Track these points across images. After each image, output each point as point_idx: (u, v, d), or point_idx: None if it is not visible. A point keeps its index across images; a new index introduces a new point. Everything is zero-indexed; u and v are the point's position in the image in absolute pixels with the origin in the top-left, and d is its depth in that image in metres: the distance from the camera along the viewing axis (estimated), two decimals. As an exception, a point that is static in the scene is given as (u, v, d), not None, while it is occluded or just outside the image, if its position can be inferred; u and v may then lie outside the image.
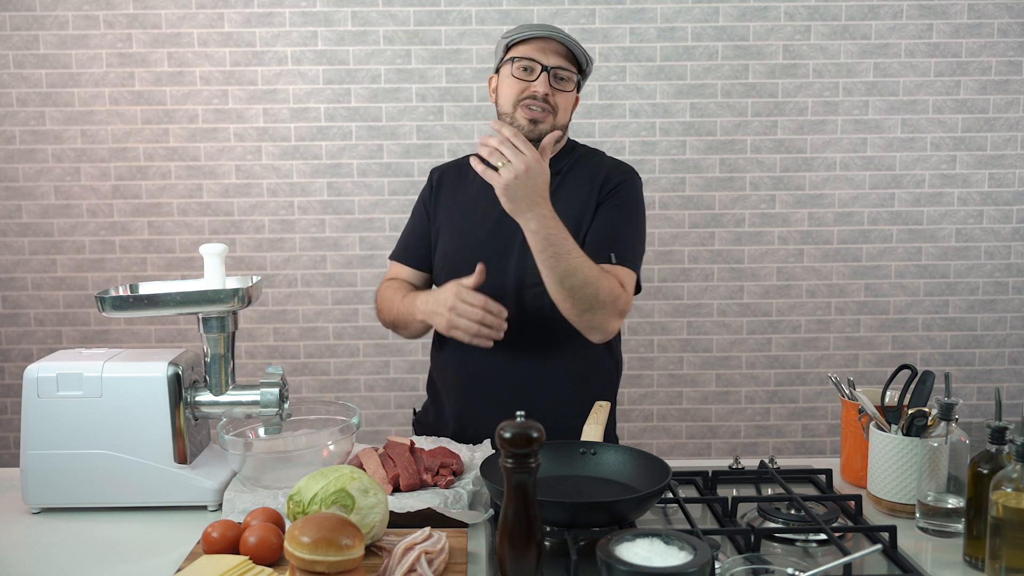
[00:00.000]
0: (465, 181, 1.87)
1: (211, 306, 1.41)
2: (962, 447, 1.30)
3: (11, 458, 2.86)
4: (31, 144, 2.78)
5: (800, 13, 2.76)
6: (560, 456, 1.42)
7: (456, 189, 1.88)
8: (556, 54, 1.71)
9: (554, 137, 1.64)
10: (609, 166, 1.84)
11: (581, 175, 1.80)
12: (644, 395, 2.91)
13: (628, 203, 1.80)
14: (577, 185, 1.79)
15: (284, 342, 2.87)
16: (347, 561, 1.06)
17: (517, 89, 1.71)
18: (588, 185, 1.79)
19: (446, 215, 1.86)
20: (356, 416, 1.53)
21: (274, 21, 2.74)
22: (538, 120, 1.71)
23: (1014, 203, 2.85)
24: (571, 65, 1.73)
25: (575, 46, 1.71)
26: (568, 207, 1.75)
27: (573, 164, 1.83)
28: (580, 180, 1.80)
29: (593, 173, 1.81)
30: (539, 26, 1.73)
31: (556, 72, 1.71)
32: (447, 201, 1.87)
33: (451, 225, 1.84)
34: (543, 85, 1.69)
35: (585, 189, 1.79)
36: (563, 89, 1.73)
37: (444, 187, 1.89)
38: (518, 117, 1.72)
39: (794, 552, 1.25)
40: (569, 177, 1.80)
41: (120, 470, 1.41)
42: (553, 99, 1.71)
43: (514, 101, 1.72)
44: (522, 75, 1.71)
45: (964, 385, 2.92)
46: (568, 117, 1.77)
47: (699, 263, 2.86)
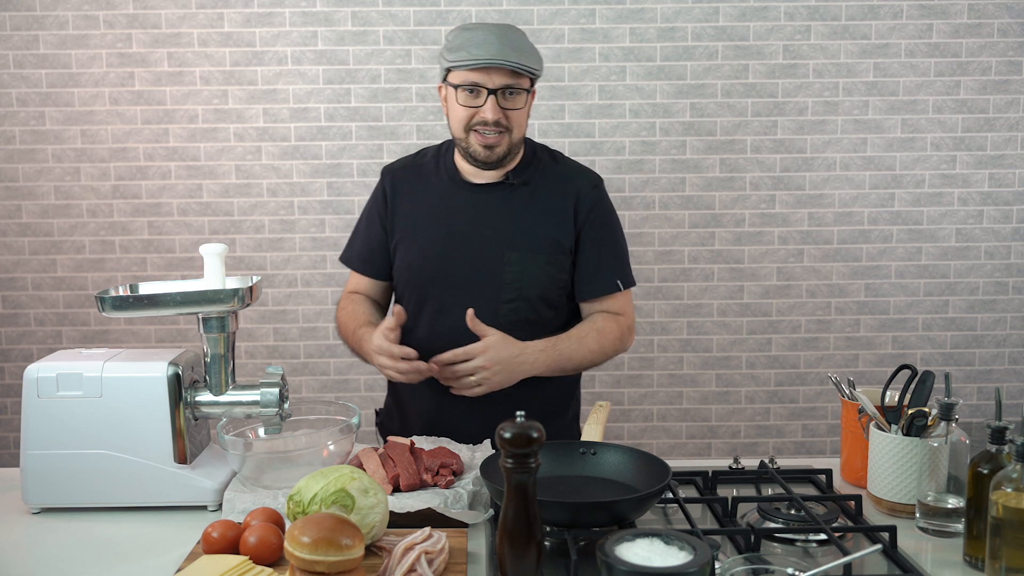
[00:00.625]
0: (423, 184, 1.79)
1: (211, 306, 1.41)
2: (962, 447, 1.30)
3: (11, 458, 2.86)
4: (31, 144, 2.78)
5: (800, 13, 2.76)
6: (560, 456, 1.42)
7: (414, 194, 1.79)
8: (502, 74, 1.61)
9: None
10: (578, 178, 1.78)
11: (552, 188, 1.75)
12: (644, 395, 2.91)
13: (608, 218, 1.79)
14: (549, 198, 1.74)
15: (284, 342, 2.87)
16: (347, 561, 1.06)
17: (466, 115, 1.64)
18: (562, 200, 1.74)
19: (404, 223, 1.78)
20: (356, 416, 1.53)
21: (274, 21, 2.74)
22: (492, 145, 1.65)
23: (1014, 203, 2.85)
24: (520, 80, 1.63)
25: (520, 65, 1.60)
26: (544, 220, 1.73)
27: (541, 174, 1.76)
28: (552, 194, 1.75)
29: (565, 188, 1.76)
30: (477, 42, 1.61)
31: (503, 91, 1.62)
32: (404, 207, 1.79)
33: (412, 235, 1.77)
34: (492, 111, 1.61)
35: (559, 205, 1.74)
36: (514, 107, 1.64)
37: (399, 191, 1.80)
38: (472, 143, 1.66)
39: (794, 552, 1.25)
40: (540, 189, 1.75)
41: (120, 470, 1.41)
42: (505, 121, 1.64)
43: (464, 127, 1.66)
44: (468, 100, 1.63)
45: (964, 385, 2.92)
46: (525, 127, 1.71)
47: (699, 263, 2.86)
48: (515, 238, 1.71)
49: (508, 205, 1.73)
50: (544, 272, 1.72)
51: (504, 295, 1.70)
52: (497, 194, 1.74)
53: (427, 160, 1.83)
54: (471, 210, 1.74)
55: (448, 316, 1.71)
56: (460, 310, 1.65)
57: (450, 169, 1.77)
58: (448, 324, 1.70)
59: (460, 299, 1.69)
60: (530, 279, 1.71)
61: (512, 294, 1.70)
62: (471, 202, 1.74)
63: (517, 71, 1.61)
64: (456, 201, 1.75)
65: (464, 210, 1.74)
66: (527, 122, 1.72)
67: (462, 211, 1.74)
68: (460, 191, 1.75)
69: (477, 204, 1.74)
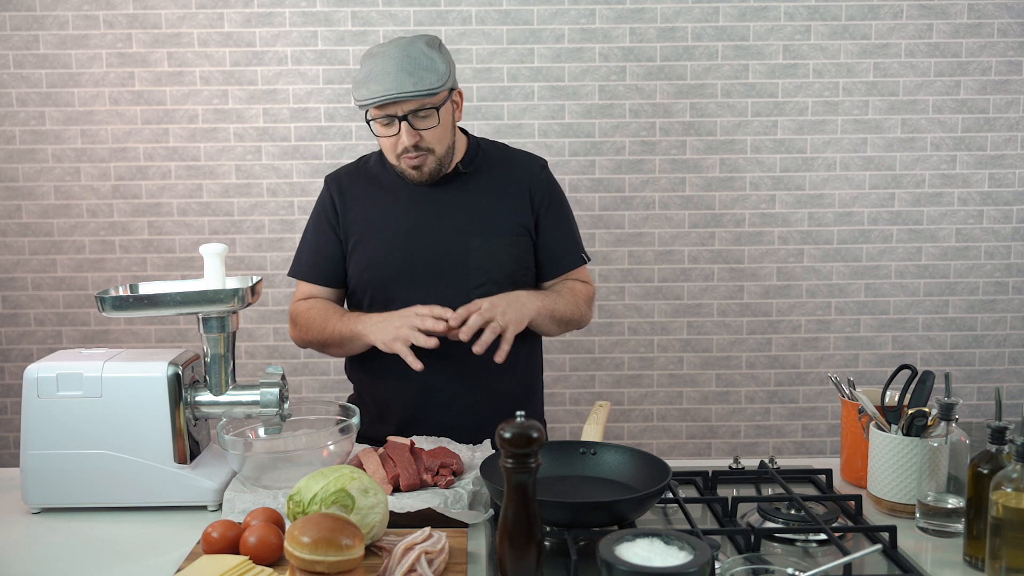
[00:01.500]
0: (373, 186, 1.82)
1: (211, 306, 1.41)
2: (962, 447, 1.30)
3: (11, 458, 2.86)
4: (31, 144, 2.78)
5: (800, 13, 2.76)
6: (560, 456, 1.42)
7: (365, 197, 1.82)
8: (407, 101, 1.64)
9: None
10: (526, 162, 1.85)
11: (503, 172, 1.81)
12: (644, 395, 2.91)
13: (560, 198, 1.87)
14: (502, 182, 1.80)
15: (284, 342, 2.87)
16: (347, 561, 1.06)
17: (390, 144, 1.70)
18: (514, 184, 1.80)
19: (358, 228, 1.80)
20: (356, 416, 1.53)
21: (274, 21, 2.74)
22: (418, 165, 1.70)
23: (1014, 203, 2.85)
24: (427, 100, 1.65)
25: (418, 91, 1.61)
26: (502, 203, 1.78)
27: (488, 161, 1.82)
28: (504, 177, 1.80)
29: (515, 172, 1.82)
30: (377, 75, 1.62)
31: (414, 114, 1.65)
32: (356, 212, 1.81)
33: (369, 235, 1.79)
34: (408, 136, 1.66)
35: (513, 187, 1.80)
36: (428, 126, 1.67)
37: (350, 196, 1.82)
38: (403, 167, 1.72)
39: (794, 552, 1.25)
40: (491, 174, 1.80)
41: (120, 470, 1.41)
42: (424, 142, 1.68)
43: (395, 155, 1.71)
44: (384, 131, 1.69)
45: (964, 385, 2.92)
46: (450, 139, 1.73)
47: (699, 263, 2.86)
48: (477, 224, 1.76)
49: (463, 193, 1.78)
50: (509, 254, 1.77)
51: (473, 280, 1.74)
52: (453, 185, 1.79)
53: (371, 164, 1.87)
54: (430, 203, 1.78)
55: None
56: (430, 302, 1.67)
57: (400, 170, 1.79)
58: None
59: (429, 291, 1.73)
60: (496, 262, 1.75)
61: (481, 279, 1.73)
62: (429, 195, 1.78)
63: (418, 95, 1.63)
64: (413, 196, 1.78)
65: (422, 204, 1.78)
66: (455, 122, 1.76)
67: (420, 205, 1.78)
68: (414, 187, 1.78)
69: (434, 196, 1.78)
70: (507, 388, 1.81)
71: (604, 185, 2.80)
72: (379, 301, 1.78)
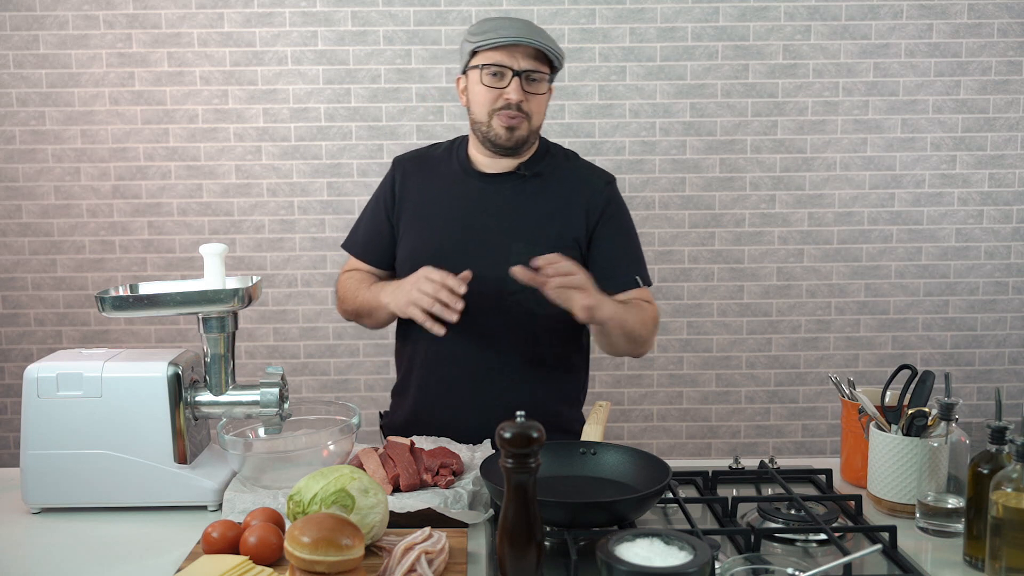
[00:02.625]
0: (433, 173, 1.80)
1: (211, 306, 1.41)
2: (962, 447, 1.30)
3: (11, 458, 2.86)
4: (31, 144, 2.78)
5: (800, 13, 2.76)
6: (560, 456, 1.42)
7: (423, 183, 1.80)
8: (527, 56, 1.64)
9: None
10: (590, 175, 1.80)
11: (564, 181, 1.77)
12: (644, 395, 2.91)
13: (622, 216, 1.80)
14: (560, 191, 1.75)
15: (284, 342, 2.87)
16: (347, 561, 1.06)
17: (489, 97, 1.66)
18: (573, 195, 1.75)
19: (411, 211, 1.79)
20: (356, 416, 1.53)
21: (274, 21, 2.74)
22: (514, 127, 1.67)
23: (1014, 203, 2.85)
24: (543, 65, 1.66)
25: (545, 46, 1.64)
26: (554, 213, 1.73)
27: (553, 168, 1.78)
28: (563, 187, 1.76)
29: (576, 183, 1.77)
30: (504, 24, 1.65)
31: (528, 75, 1.65)
32: (412, 196, 1.80)
33: (418, 222, 1.78)
34: (516, 92, 1.64)
35: (570, 198, 1.75)
36: (536, 92, 1.67)
37: (409, 180, 1.81)
38: (494, 126, 1.68)
39: (794, 552, 1.25)
40: (551, 181, 1.76)
41: (120, 470, 1.41)
42: (527, 104, 1.66)
43: (488, 111, 1.67)
44: (492, 82, 1.65)
45: (964, 385, 2.92)
46: (543, 117, 1.72)
47: (699, 263, 2.86)
48: (522, 228, 1.72)
49: (518, 196, 1.74)
50: None
51: (509, 285, 1.68)
52: (508, 184, 1.75)
53: (439, 151, 1.84)
54: (480, 199, 1.74)
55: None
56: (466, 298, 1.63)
57: (462, 159, 1.78)
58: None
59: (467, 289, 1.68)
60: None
61: (518, 284, 1.69)
62: (481, 191, 1.75)
63: (540, 55, 1.64)
64: (466, 189, 1.76)
65: (473, 199, 1.75)
66: (544, 116, 1.74)
67: (471, 200, 1.75)
68: (471, 180, 1.76)
69: (487, 193, 1.75)
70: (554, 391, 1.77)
71: (604, 185, 2.80)
72: None
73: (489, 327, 1.71)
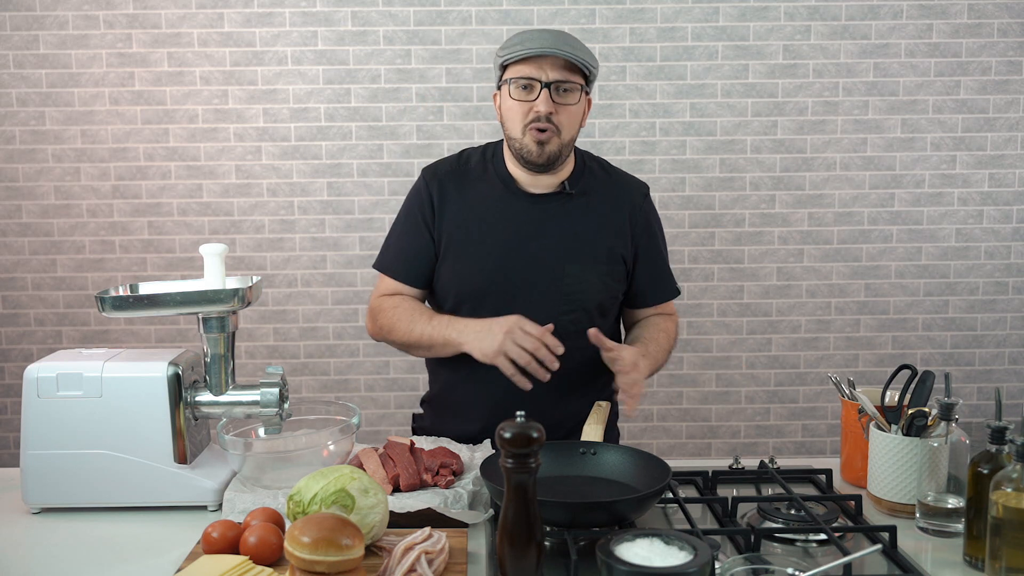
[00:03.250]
0: (473, 190, 1.73)
1: (211, 306, 1.41)
2: (962, 447, 1.30)
3: (11, 458, 2.86)
4: (31, 144, 2.78)
5: (800, 13, 2.76)
6: (560, 456, 1.42)
7: (464, 200, 1.73)
8: (555, 67, 1.60)
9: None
10: (630, 188, 1.78)
11: (607, 198, 1.74)
12: (644, 395, 2.90)
13: (657, 230, 1.83)
14: (604, 209, 1.73)
15: (284, 342, 2.87)
16: (347, 561, 1.06)
17: (521, 112, 1.62)
18: (617, 211, 1.74)
19: (457, 231, 1.72)
20: (356, 416, 1.53)
21: (274, 21, 2.74)
22: (544, 141, 1.62)
23: (1014, 203, 2.85)
24: (573, 75, 1.62)
25: (574, 56, 1.60)
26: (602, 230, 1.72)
27: (594, 183, 1.75)
28: (607, 204, 1.73)
29: (619, 198, 1.75)
30: (532, 36, 1.62)
31: (557, 86, 1.61)
32: (454, 214, 1.72)
33: (465, 244, 1.71)
34: (545, 104, 1.59)
35: (615, 215, 1.73)
36: (567, 103, 1.62)
37: (448, 197, 1.73)
38: (527, 142, 1.63)
39: (794, 552, 1.25)
40: (595, 199, 1.73)
41: (120, 470, 1.41)
42: (557, 117, 1.61)
43: (521, 126, 1.63)
44: (522, 95, 1.62)
45: (964, 385, 2.92)
46: (576, 131, 1.67)
47: (699, 263, 2.86)
48: (575, 249, 1.70)
49: (566, 216, 1.71)
50: (603, 282, 1.72)
51: (563, 307, 1.68)
52: (555, 204, 1.71)
53: (473, 165, 1.77)
54: (530, 221, 1.70)
55: None
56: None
57: (504, 176, 1.73)
58: None
59: (516, 310, 1.63)
60: (589, 290, 1.70)
61: (571, 305, 1.68)
62: (529, 213, 1.70)
63: (571, 65, 1.61)
64: (513, 211, 1.71)
65: (522, 221, 1.70)
66: (580, 126, 1.70)
67: (520, 222, 1.70)
68: (518, 201, 1.71)
69: (535, 215, 1.70)
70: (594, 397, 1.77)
71: (604, 185, 2.80)
72: (467, 312, 1.70)
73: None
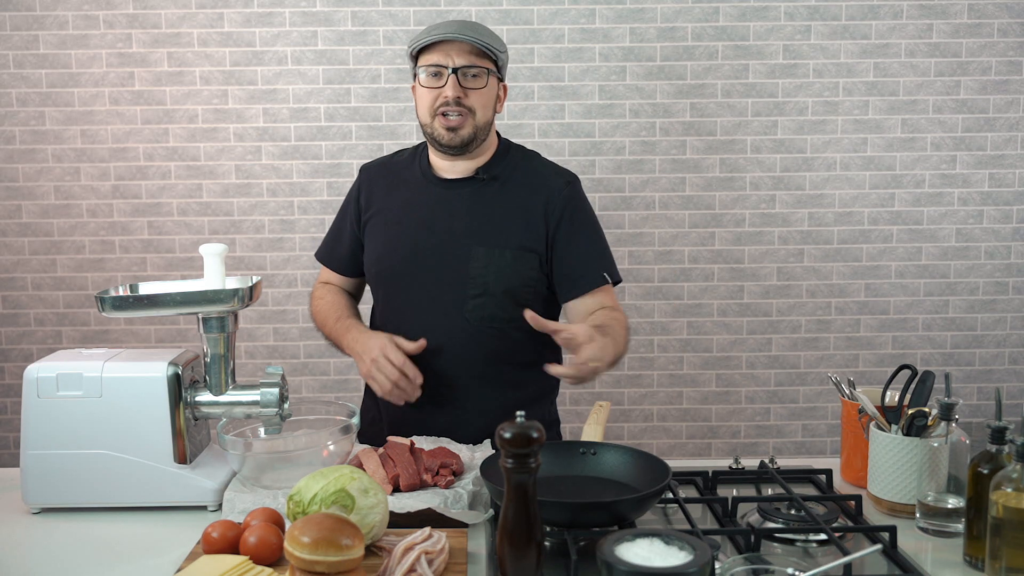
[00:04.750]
0: (396, 180, 1.82)
1: (211, 306, 1.41)
2: (962, 447, 1.30)
3: (11, 458, 2.86)
4: (31, 144, 2.78)
5: (800, 13, 2.76)
6: (560, 456, 1.42)
7: (387, 191, 1.82)
8: (463, 53, 1.65)
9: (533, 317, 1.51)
10: (550, 176, 1.78)
11: (523, 184, 1.76)
12: (644, 395, 2.91)
13: (584, 216, 1.78)
14: (519, 194, 1.75)
15: (284, 342, 2.87)
16: (347, 561, 1.06)
17: (431, 98, 1.68)
18: (532, 198, 1.74)
19: (376, 218, 1.81)
20: (356, 416, 1.53)
21: (274, 21, 2.74)
22: (455, 127, 1.67)
23: (1014, 203, 2.85)
24: (480, 60, 1.67)
25: (479, 40, 1.65)
26: (512, 215, 1.73)
27: (512, 170, 1.77)
28: (522, 190, 1.75)
29: (535, 185, 1.75)
30: (438, 25, 1.68)
31: (464, 71, 1.66)
32: (376, 203, 1.82)
33: (381, 229, 1.79)
34: (452, 88, 1.65)
35: (529, 201, 1.74)
36: (475, 87, 1.67)
37: (374, 187, 1.83)
38: (436, 127, 1.69)
39: (794, 552, 1.25)
40: (510, 184, 1.75)
41: (120, 470, 1.41)
42: (467, 100, 1.66)
43: (430, 111, 1.69)
44: (431, 82, 1.67)
45: (964, 385, 2.92)
46: (490, 114, 1.72)
47: (699, 263, 2.86)
48: (482, 233, 1.72)
49: (477, 200, 1.74)
50: (510, 267, 1.71)
51: (470, 290, 1.70)
52: (467, 189, 1.75)
53: (403, 158, 1.87)
54: (441, 204, 1.75)
55: (416, 309, 1.73)
56: (428, 303, 1.70)
57: (424, 166, 1.80)
58: (416, 318, 1.72)
59: (428, 293, 1.72)
60: (495, 274, 1.71)
61: (478, 289, 1.70)
62: (441, 197, 1.76)
63: (477, 51, 1.66)
64: (427, 196, 1.77)
65: (434, 205, 1.75)
66: (494, 110, 1.73)
67: (432, 205, 1.76)
68: (431, 186, 1.77)
69: (447, 199, 1.75)
70: (527, 389, 1.78)
71: (604, 185, 2.80)
72: (383, 295, 1.80)
73: (453, 333, 1.71)
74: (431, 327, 1.70)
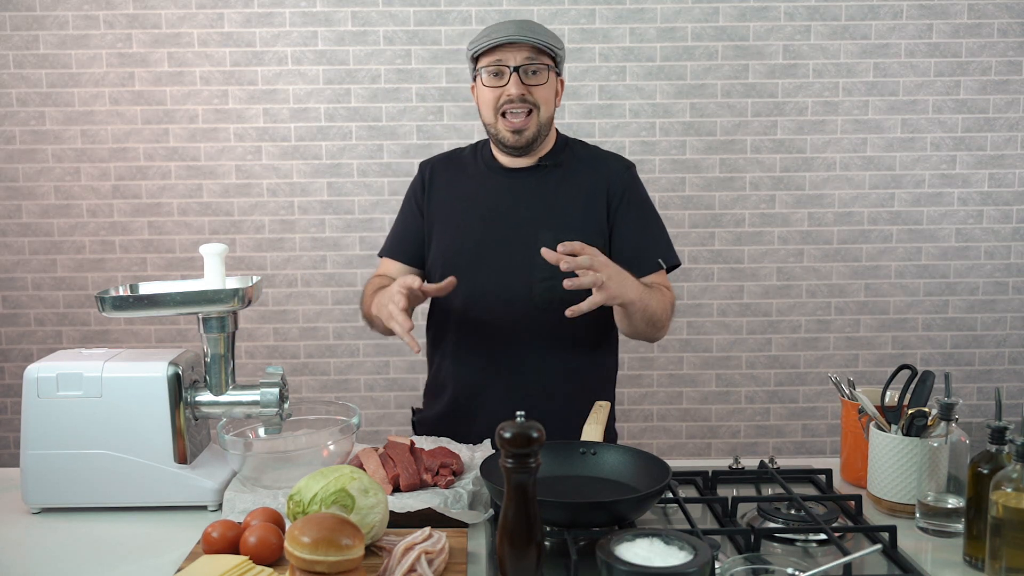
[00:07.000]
0: (460, 173, 1.86)
1: (211, 306, 1.41)
2: (962, 447, 1.30)
3: (11, 458, 2.87)
4: (31, 144, 2.78)
5: (800, 13, 2.76)
6: (560, 456, 1.42)
7: (450, 184, 1.85)
8: (522, 50, 1.69)
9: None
10: (610, 160, 1.85)
11: (584, 170, 1.81)
12: (644, 395, 2.91)
13: (642, 200, 1.84)
14: (582, 179, 1.80)
15: (284, 342, 2.87)
16: (347, 561, 1.06)
17: (493, 97, 1.71)
18: (594, 182, 1.79)
19: (440, 211, 1.84)
20: (356, 416, 1.53)
21: (274, 21, 2.74)
22: (520, 128, 1.71)
23: (1014, 203, 2.85)
24: (540, 57, 1.71)
25: (538, 40, 1.69)
26: (576, 199, 1.77)
27: (572, 158, 1.83)
28: (584, 175, 1.80)
29: (597, 170, 1.81)
30: (498, 28, 1.71)
31: (525, 68, 1.69)
32: (441, 196, 1.85)
33: (447, 221, 1.82)
34: (515, 86, 1.68)
35: (592, 185, 1.79)
36: (537, 83, 1.71)
37: (437, 181, 1.86)
38: (500, 129, 1.73)
39: (794, 552, 1.25)
40: (572, 170, 1.81)
41: (120, 470, 1.41)
42: (531, 96, 1.70)
43: (493, 110, 1.72)
44: (493, 81, 1.71)
45: (964, 385, 2.92)
46: (552, 109, 1.76)
47: (699, 263, 2.86)
48: (549, 217, 1.76)
49: (542, 186, 1.79)
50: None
51: (538, 274, 1.72)
52: (532, 177, 1.79)
53: (464, 154, 1.90)
54: (506, 193, 1.79)
55: (484, 297, 1.75)
56: (495, 290, 1.72)
57: (487, 158, 1.83)
58: (484, 305, 1.75)
59: (496, 280, 1.74)
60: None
61: (546, 272, 1.70)
62: (506, 186, 1.80)
63: (537, 49, 1.69)
64: (492, 186, 1.81)
65: (499, 193, 1.79)
66: (555, 105, 1.77)
67: (497, 195, 1.79)
68: (496, 176, 1.81)
69: (512, 187, 1.79)
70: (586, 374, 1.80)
71: (604, 185, 2.80)
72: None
73: (519, 316, 1.74)
74: (499, 313, 1.73)
